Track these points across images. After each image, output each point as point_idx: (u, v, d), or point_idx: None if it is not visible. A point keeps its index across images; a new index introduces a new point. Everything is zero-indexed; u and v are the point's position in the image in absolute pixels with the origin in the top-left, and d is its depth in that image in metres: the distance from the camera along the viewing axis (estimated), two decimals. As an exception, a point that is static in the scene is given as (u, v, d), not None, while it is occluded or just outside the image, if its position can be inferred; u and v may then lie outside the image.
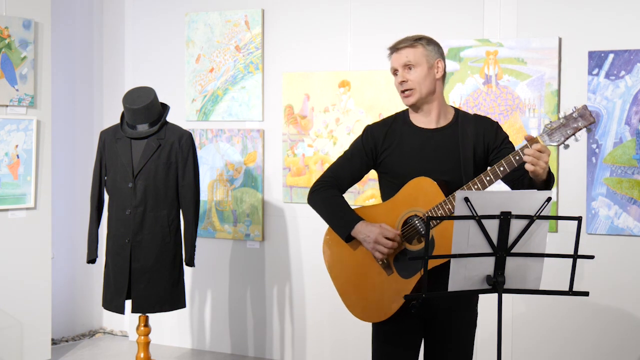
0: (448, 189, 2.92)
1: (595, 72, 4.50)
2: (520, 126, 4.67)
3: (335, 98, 5.22)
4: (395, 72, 3.08)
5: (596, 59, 4.50)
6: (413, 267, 2.94)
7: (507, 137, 3.07)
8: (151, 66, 5.92)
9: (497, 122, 3.11)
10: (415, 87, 3.02)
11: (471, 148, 3.00)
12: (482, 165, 3.03)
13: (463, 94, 4.82)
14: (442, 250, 2.85)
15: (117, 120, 4.66)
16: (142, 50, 5.99)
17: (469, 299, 3.07)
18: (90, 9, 6.19)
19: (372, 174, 3.28)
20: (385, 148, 3.10)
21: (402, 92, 3.05)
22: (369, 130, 3.16)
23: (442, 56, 3.10)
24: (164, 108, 4.61)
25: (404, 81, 3.03)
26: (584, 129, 2.74)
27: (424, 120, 3.08)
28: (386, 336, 3.11)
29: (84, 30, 6.17)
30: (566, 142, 2.76)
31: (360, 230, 3.03)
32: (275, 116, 5.47)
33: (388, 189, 3.11)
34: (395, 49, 3.07)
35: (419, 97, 3.03)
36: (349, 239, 3.09)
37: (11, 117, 5.13)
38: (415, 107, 3.07)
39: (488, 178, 2.84)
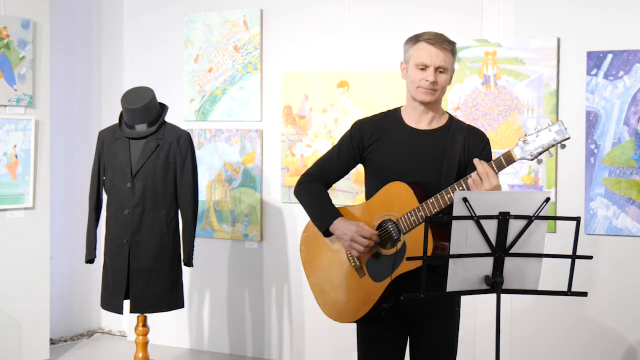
0: (426, 195, 2.91)
1: (593, 72, 4.50)
2: (519, 126, 4.67)
3: (334, 98, 5.22)
4: (425, 66, 2.98)
5: (595, 60, 4.50)
6: (384, 272, 2.95)
7: (490, 156, 3.01)
8: (150, 66, 5.92)
9: (487, 139, 3.07)
10: (439, 90, 3.01)
11: (457, 156, 2.98)
12: (463, 175, 2.95)
13: (462, 94, 4.82)
14: (413, 255, 2.84)
15: (116, 120, 4.65)
16: (141, 50, 5.98)
17: (447, 301, 3.04)
18: (89, 9, 6.19)
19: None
20: (372, 143, 3.09)
21: (426, 88, 2.98)
22: (358, 125, 3.16)
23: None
24: (163, 108, 4.61)
25: (434, 81, 2.97)
26: (558, 145, 2.71)
27: (417, 120, 3.05)
28: (369, 338, 3.12)
29: (82, 30, 6.16)
30: (539, 157, 2.74)
31: (338, 226, 3.05)
32: (274, 116, 5.47)
33: (369, 188, 3.13)
34: (436, 43, 2.97)
35: (436, 99, 3.02)
36: (327, 233, 3.11)
37: (10, 117, 5.13)
38: (425, 104, 3.02)
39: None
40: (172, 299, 4.54)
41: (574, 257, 2.68)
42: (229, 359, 5.56)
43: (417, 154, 3.00)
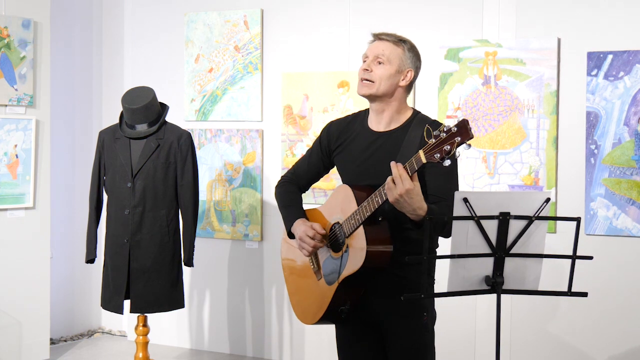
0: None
1: (594, 72, 4.50)
2: (519, 127, 4.67)
3: (335, 98, 5.22)
4: (365, 58, 2.96)
5: (595, 60, 4.50)
6: (334, 275, 2.94)
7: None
8: (150, 66, 5.92)
9: (447, 163, 2.68)
10: (375, 81, 2.91)
11: (412, 154, 2.71)
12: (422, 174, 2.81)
13: (462, 94, 4.82)
14: (354, 260, 2.83)
15: (116, 120, 4.66)
16: (141, 50, 5.99)
17: (411, 306, 2.90)
18: (90, 8, 6.19)
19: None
20: (337, 146, 3.07)
21: (361, 80, 2.94)
22: (327, 127, 3.14)
23: (416, 68, 2.97)
24: (163, 108, 4.61)
25: (367, 70, 2.92)
26: (464, 144, 2.54)
27: (376, 122, 2.99)
28: (344, 342, 3.12)
29: (83, 30, 6.16)
30: (446, 159, 2.55)
31: (295, 227, 3.06)
32: (274, 116, 5.47)
33: None
34: (378, 37, 2.97)
35: (374, 92, 2.91)
36: (291, 235, 3.12)
37: (10, 116, 5.13)
38: (368, 99, 2.97)
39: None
40: (172, 298, 4.54)
41: (574, 257, 2.67)
42: (229, 359, 5.56)
43: (372, 156, 2.94)
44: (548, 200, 2.60)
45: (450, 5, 4.93)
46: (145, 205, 4.46)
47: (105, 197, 4.64)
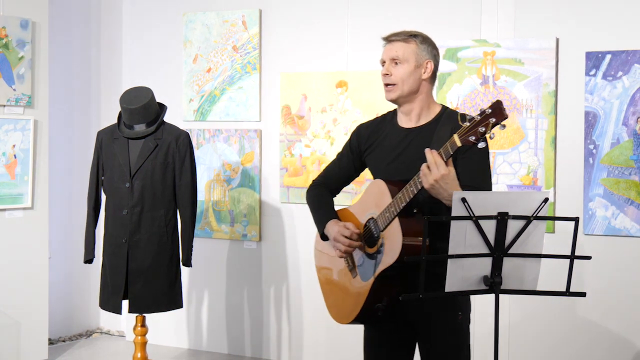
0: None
1: (592, 72, 4.50)
2: (518, 127, 4.67)
3: (333, 98, 5.22)
4: (383, 63, 3.02)
5: (593, 60, 4.50)
6: (370, 271, 2.93)
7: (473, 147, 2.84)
8: (148, 66, 5.92)
9: (482, 145, 2.84)
10: (398, 83, 2.95)
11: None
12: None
13: (460, 94, 4.82)
14: (390, 253, 2.82)
15: (115, 120, 4.65)
16: (140, 50, 5.99)
17: (447, 302, 2.93)
18: (88, 8, 6.19)
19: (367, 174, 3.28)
20: (368, 147, 3.09)
21: (385, 85, 2.99)
22: (357, 130, 3.16)
23: (434, 57, 3.01)
24: (162, 108, 4.61)
25: (387, 74, 2.97)
26: (498, 125, 2.58)
27: (405, 119, 3.02)
28: (374, 340, 3.10)
29: (81, 30, 6.16)
30: (481, 140, 2.59)
31: (328, 228, 3.06)
32: (273, 116, 5.47)
33: None
34: (388, 40, 3.01)
35: (400, 93, 2.95)
36: (324, 237, 3.12)
37: (8, 116, 5.13)
38: (397, 103, 3.01)
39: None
40: (170, 299, 4.54)
41: (572, 257, 2.68)
42: (228, 359, 5.56)
43: (404, 153, 2.96)
44: (546, 200, 2.60)
45: (449, 5, 4.93)
46: (144, 206, 4.46)
47: (103, 197, 4.63)
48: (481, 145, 2.59)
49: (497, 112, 2.56)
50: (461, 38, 4.83)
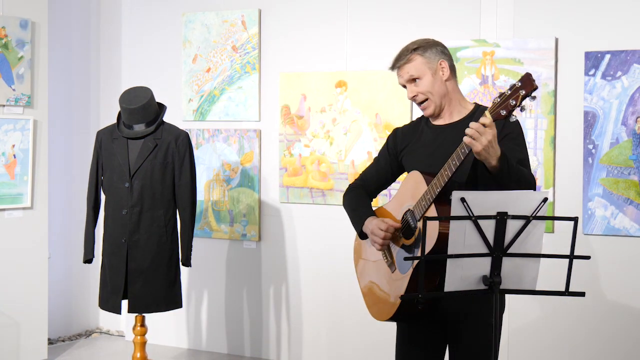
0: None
1: (591, 72, 4.50)
2: (517, 126, 4.67)
3: (332, 98, 5.22)
4: (404, 86, 3.07)
5: (593, 60, 4.50)
6: (409, 262, 2.92)
7: (511, 133, 2.93)
8: (148, 66, 5.92)
9: (514, 122, 2.82)
10: (429, 97, 3.00)
11: None
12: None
13: (460, 94, 4.82)
14: (427, 240, 2.78)
15: (114, 120, 4.66)
16: (139, 50, 5.99)
17: (481, 303, 2.91)
18: (87, 8, 6.19)
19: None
20: (404, 147, 3.13)
21: (419, 105, 3.05)
22: (393, 132, 3.22)
23: (442, 54, 3.04)
24: (161, 108, 4.61)
25: (414, 96, 3.02)
26: (528, 98, 2.64)
27: (439, 119, 3.07)
28: (404, 336, 3.10)
29: (80, 30, 6.16)
30: (513, 114, 2.66)
31: (366, 225, 3.09)
32: (272, 116, 5.47)
33: None
34: (395, 68, 3.06)
35: (435, 105, 3.00)
36: (362, 235, 3.14)
37: (8, 116, 5.13)
38: (438, 115, 3.04)
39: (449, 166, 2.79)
40: (170, 298, 4.54)
41: (571, 257, 2.67)
42: (227, 359, 5.56)
43: (439, 148, 2.98)
44: (546, 200, 2.60)
45: (448, 5, 4.93)
46: (143, 206, 4.46)
47: (102, 197, 4.64)
48: (512, 119, 2.65)
49: (526, 84, 2.62)
50: (460, 38, 4.83)
